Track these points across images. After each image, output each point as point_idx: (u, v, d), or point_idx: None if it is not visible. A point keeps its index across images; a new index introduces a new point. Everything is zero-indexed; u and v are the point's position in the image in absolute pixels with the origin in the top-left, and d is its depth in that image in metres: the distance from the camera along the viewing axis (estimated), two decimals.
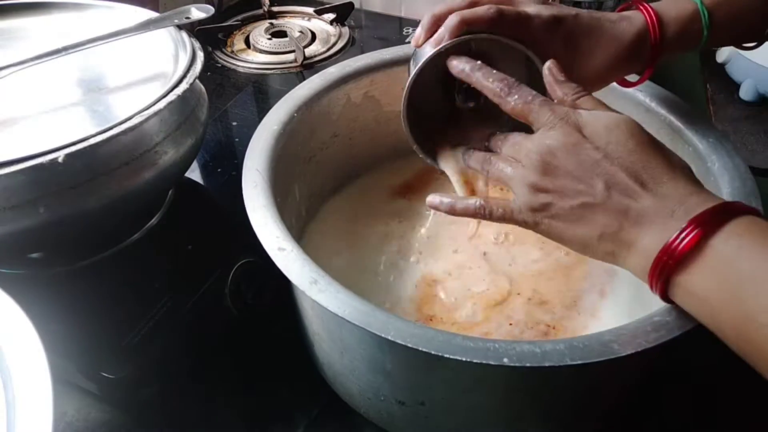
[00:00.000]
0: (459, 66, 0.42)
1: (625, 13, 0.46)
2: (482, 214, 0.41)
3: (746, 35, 0.49)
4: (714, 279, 0.33)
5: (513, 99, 0.39)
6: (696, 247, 0.33)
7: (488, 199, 0.41)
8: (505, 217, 0.40)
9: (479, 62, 0.41)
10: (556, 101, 0.40)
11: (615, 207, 0.36)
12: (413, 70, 0.44)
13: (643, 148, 0.36)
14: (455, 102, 0.48)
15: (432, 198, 0.43)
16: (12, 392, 0.32)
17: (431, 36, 0.43)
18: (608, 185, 0.36)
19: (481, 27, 0.42)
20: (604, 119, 0.37)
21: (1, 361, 0.33)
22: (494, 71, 0.40)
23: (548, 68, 0.41)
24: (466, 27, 0.42)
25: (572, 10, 0.44)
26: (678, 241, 0.33)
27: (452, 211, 0.43)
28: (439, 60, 0.43)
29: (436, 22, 0.43)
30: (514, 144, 0.40)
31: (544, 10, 0.43)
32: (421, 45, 0.44)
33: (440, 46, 0.42)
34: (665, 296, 0.35)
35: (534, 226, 0.39)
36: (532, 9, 0.43)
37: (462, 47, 0.43)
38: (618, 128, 0.37)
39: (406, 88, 0.44)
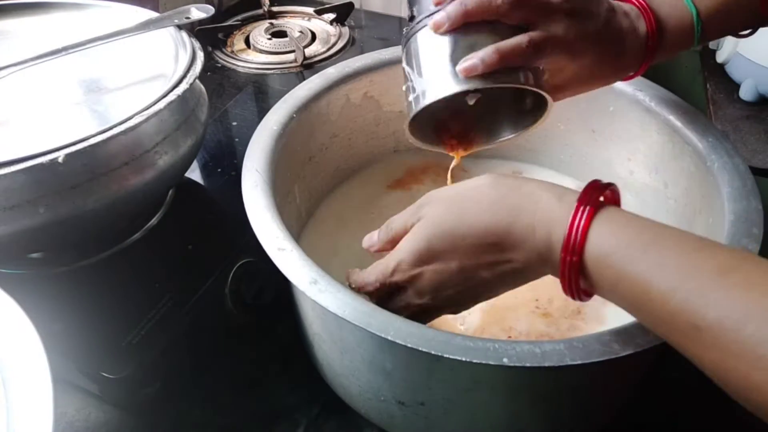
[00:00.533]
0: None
1: (622, 5, 0.45)
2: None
3: (738, 28, 0.48)
4: (614, 290, 0.32)
5: (362, 282, 0.42)
6: (583, 261, 0.33)
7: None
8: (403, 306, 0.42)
9: None
10: (373, 251, 0.43)
11: (503, 273, 0.37)
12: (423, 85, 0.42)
13: (482, 248, 0.37)
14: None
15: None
16: (12, 392, 0.32)
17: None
18: (469, 286, 0.39)
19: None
20: (417, 242, 0.39)
21: (1, 361, 0.34)
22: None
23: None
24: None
25: None
26: (565, 265, 0.33)
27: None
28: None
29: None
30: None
31: None
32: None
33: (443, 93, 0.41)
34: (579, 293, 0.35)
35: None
36: None
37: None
38: (433, 238, 0.38)
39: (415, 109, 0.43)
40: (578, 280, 0.33)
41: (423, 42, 0.42)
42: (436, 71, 0.41)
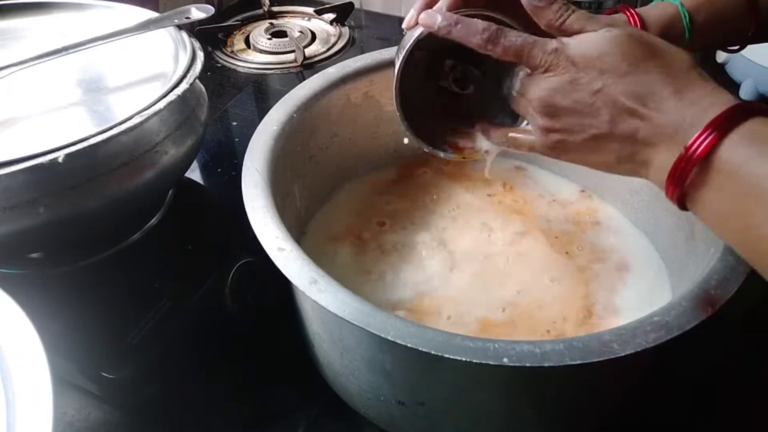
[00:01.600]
0: (434, 23, 0.41)
1: (611, 16, 0.46)
2: (511, 144, 0.43)
3: (729, 38, 0.49)
4: (721, 192, 0.33)
5: (500, 48, 0.39)
6: (711, 153, 0.32)
7: (517, 130, 0.43)
8: (531, 149, 0.42)
9: (456, 16, 0.40)
10: (544, 26, 0.39)
11: (623, 133, 0.36)
12: (400, 56, 0.43)
13: (638, 66, 0.36)
14: (446, 89, 0.47)
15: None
16: (12, 392, 0.32)
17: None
18: (612, 114, 0.36)
19: (478, 3, 0.42)
20: (593, 46, 0.37)
21: (1, 361, 0.34)
22: (473, 21, 0.39)
23: None
24: (462, 2, 0.41)
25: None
26: (693, 149, 0.33)
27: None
28: (427, 43, 0.42)
29: (429, 4, 0.43)
30: (522, 87, 0.41)
31: None
32: (412, 26, 0.44)
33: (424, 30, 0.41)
34: (682, 206, 0.35)
35: (557, 158, 0.41)
36: None
37: None
38: (608, 53, 0.36)
39: (395, 76, 0.44)
40: (692, 170, 0.33)
41: None
42: (408, 37, 0.44)
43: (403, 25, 0.45)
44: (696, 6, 0.46)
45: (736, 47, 0.50)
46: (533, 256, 0.56)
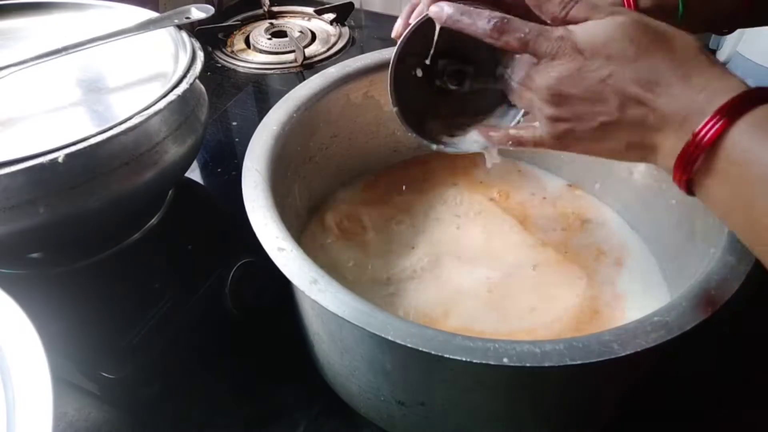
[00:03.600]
0: (442, 13, 0.41)
1: (614, 4, 0.45)
2: (515, 142, 0.43)
3: (723, 19, 0.49)
4: (727, 180, 0.33)
5: (506, 38, 0.39)
6: (718, 140, 0.32)
7: (518, 127, 0.42)
8: (536, 144, 0.41)
9: (463, 6, 0.40)
10: (549, 20, 0.39)
11: (632, 120, 0.36)
12: (393, 54, 0.44)
13: (646, 52, 0.35)
14: (439, 85, 0.47)
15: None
16: (12, 392, 0.32)
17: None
18: (620, 101, 0.36)
19: None
20: (600, 33, 0.36)
21: (1, 361, 0.33)
22: (479, 11, 0.40)
23: None
24: None
25: None
26: (701, 135, 0.33)
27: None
28: (416, 39, 0.43)
29: (414, 8, 0.44)
30: (526, 78, 0.40)
31: None
32: (401, 34, 0.44)
33: (417, 21, 0.42)
34: (690, 192, 0.35)
35: (564, 149, 0.40)
36: None
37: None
38: (615, 39, 0.36)
39: (389, 81, 0.45)
40: (699, 157, 0.33)
41: None
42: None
43: (393, 35, 0.45)
44: None
45: (727, 30, 0.49)
46: (534, 258, 0.56)
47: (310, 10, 1.02)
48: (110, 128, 0.47)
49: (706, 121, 0.33)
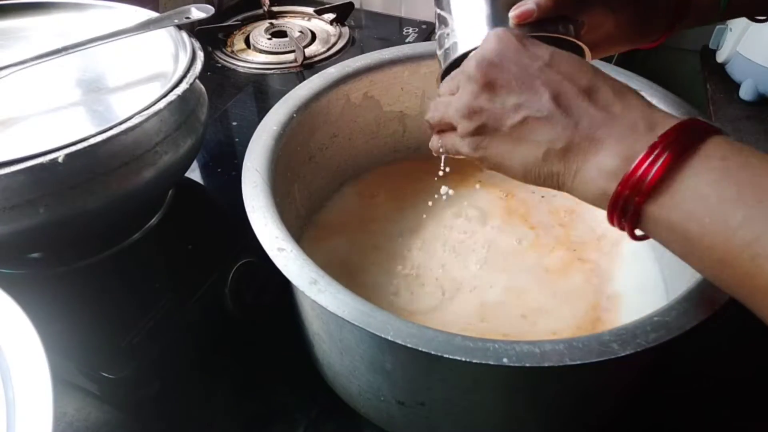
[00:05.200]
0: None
1: None
2: (437, 150, 0.41)
3: (760, 7, 0.48)
4: (697, 207, 0.29)
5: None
6: (668, 174, 0.29)
7: (442, 136, 0.40)
8: (453, 151, 0.39)
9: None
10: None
11: (563, 119, 0.32)
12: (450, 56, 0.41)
13: (588, 70, 0.33)
14: None
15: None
16: (12, 392, 0.32)
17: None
18: (554, 95, 0.32)
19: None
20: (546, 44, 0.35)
21: (1, 361, 0.33)
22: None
23: None
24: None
25: None
26: (645, 166, 0.29)
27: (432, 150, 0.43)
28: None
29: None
30: (450, 78, 0.38)
31: None
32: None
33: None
34: (631, 231, 0.32)
35: (477, 157, 0.37)
36: None
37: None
38: (561, 52, 0.34)
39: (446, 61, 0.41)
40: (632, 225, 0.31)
41: None
42: (480, 15, 0.39)
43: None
44: None
45: (765, 17, 0.49)
46: (537, 259, 0.56)
47: (310, 10, 1.02)
48: (110, 128, 0.47)
49: (649, 149, 0.29)
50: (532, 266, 0.55)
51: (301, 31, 0.96)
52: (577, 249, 0.57)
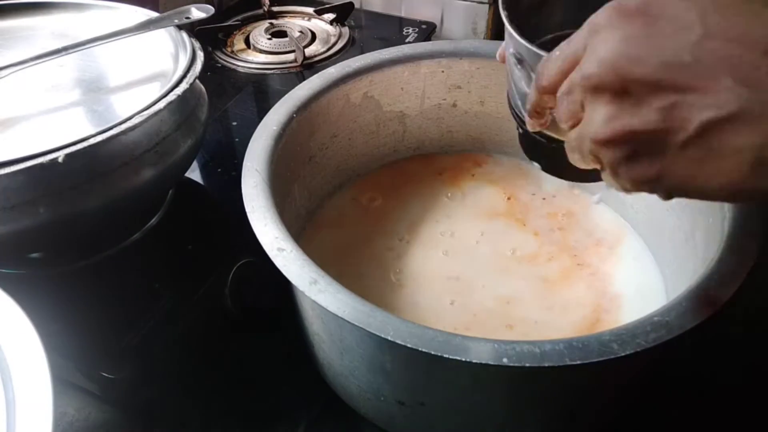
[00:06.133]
0: None
1: None
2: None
3: None
4: None
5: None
6: None
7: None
8: (615, 188, 0.28)
9: None
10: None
11: (763, 108, 0.22)
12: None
13: (754, 13, 0.22)
14: None
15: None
16: (12, 392, 0.32)
17: None
18: (735, 76, 0.22)
19: None
20: None
21: (1, 361, 0.34)
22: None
23: None
24: None
25: None
26: None
27: None
28: None
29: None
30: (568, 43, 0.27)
31: None
32: None
33: None
34: None
35: (648, 192, 0.26)
36: None
37: None
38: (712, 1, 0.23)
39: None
40: None
41: None
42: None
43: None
44: None
45: None
46: (537, 268, 0.56)
47: (310, 10, 1.02)
48: (110, 128, 0.47)
49: None
50: (531, 274, 0.55)
51: (301, 31, 0.96)
52: (578, 254, 0.57)
